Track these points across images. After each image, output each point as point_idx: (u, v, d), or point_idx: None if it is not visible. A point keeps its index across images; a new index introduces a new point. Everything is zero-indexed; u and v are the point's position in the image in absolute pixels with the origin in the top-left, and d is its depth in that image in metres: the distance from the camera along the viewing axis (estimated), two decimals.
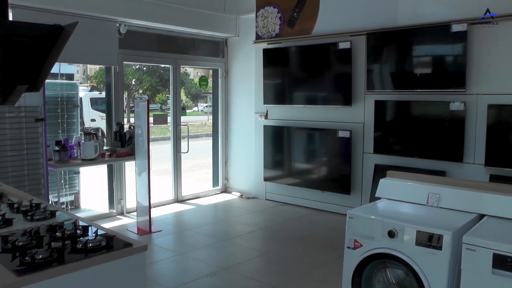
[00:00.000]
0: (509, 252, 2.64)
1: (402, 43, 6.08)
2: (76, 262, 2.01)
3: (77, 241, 2.19)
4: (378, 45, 6.25)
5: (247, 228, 6.29)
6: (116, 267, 2.15)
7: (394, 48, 6.18)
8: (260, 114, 7.70)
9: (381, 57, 6.28)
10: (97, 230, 2.34)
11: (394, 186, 3.78)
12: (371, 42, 6.26)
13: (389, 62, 6.24)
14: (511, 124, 5.34)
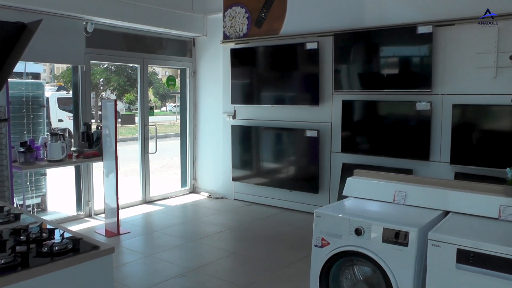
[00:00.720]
0: (472, 247, 2.73)
1: (369, 44, 6.19)
2: (42, 266, 1.98)
3: (42, 244, 2.16)
4: (345, 45, 6.33)
5: (216, 228, 6.28)
6: (83, 270, 2.13)
7: (361, 48, 6.27)
8: (228, 114, 7.71)
9: (348, 58, 6.37)
10: (64, 233, 2.31)
11: (361, 185, 3.84)
12: (338, 43, 6.34)
13: (356, 63, 6.33)
14: (475, 123, 5.51)
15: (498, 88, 5.29)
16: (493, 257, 2.67)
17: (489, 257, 2.69)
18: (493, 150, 5.31)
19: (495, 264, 2.66)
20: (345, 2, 6.35)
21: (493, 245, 2.70)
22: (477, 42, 5.41)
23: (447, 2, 5.58)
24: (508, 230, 3.05)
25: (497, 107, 5.32)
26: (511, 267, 2.61)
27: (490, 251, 2.69)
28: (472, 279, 2.74)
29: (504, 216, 3.15)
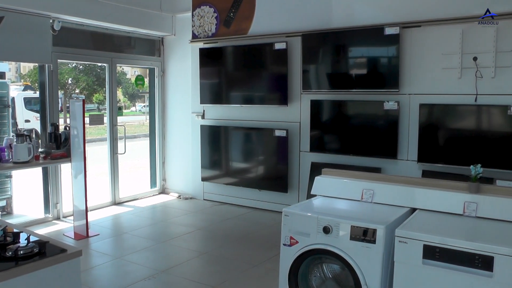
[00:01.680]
0: (438, 243, 2.80)
1: (337, 45, 6.25)
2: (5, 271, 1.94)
3: (6, 248, 2.11)
4: (314, 46, 6.38)
5: (185, 229, 6.25)
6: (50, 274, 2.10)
7: (330, 49, 6.34)
8: (197, 114, 7.68)
9: (317, 58, 6.42)
10: (29, 237, 2.26)
11: (329, 183, 3.88)
12: (307, 43, 6.38)
13: (324, 63, 6.39)
14: (441, 123, 5.64)
15: (463, 88, 5.44)
16: (457, 252, 2.75)
17: (454, 252, 2.76)
18: (459, 148, 5.45)
19: (460, 258, 2.74)
20: (313, 3, 6.40)
21: (458, 240, 2.79)
22: (443, 44, 5.55)
23: (414, 4, 5.70)
24: (471, 226, 3.14)
25: (462, 106, 5.46)
26: (474, 261, 2.69)
27: (455, 246, 2.76)
28: (438, 273, 2.81)
29: (468, 212, 3.24)
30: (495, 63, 5.24)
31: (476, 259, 2.69)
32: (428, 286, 2.86)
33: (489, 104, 5.29)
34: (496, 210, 3.19)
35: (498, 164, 5.16)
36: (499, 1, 5.17)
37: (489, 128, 5.40)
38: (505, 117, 5.16)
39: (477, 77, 5.33)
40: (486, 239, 2.84)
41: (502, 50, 5.20)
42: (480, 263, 2.68)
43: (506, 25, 5.18)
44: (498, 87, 5.26)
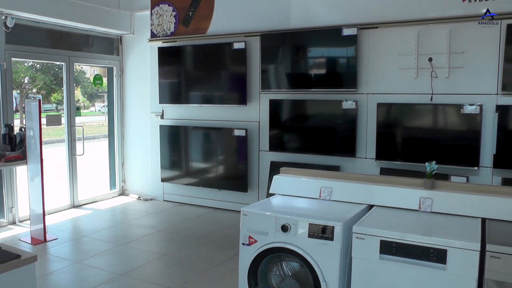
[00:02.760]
0: (394, 238, 2.86)
1: (296, 45, 6.31)
2: None
3: None
4: (273, 46, 6.41)
5: (145, 230, 6.16)
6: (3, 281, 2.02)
7: (289, 49, 6.38)
8: (156, 114, 7.59)
9: (276, 58, 6.45)
10: None
11: (288, 182, 3.90)
12: (265, 43, 6.41)
13: (283, 63, 6.42)
14: (398, 121, 5.77)
15: (419, 88, 5.58)
16: (413, 246, 2.82)
17: (409, 246, 2.83)
18: (415, 146, 5.61)
19: (415, 252, 2.81)
20: (272, 3, 6.43)
21: (413, 235, 2.85)
22: (399, 45, 5.68)
23: (371, 6, 5.81)
24: (427, 221, 3.22)
25: (418, 105, 5.60)
26: (428, 255, 2.77)
27: (410, 241, 2.83)
28: (394, 268, 2.87)
29: (424, 208, 3.32)
30: (449, 64, 5.40)
31: (430, 252, 2.77)
32: (385, 280, 2.92)
33: (444, 103, 5.46)
34: (450, 205, 3.29)
35: (453, 160, 5.33)
36: (453, 5, 5.35)
37: (444, 126, 5.57)
38: (459, 116, 5.33)
39: (432, 77, 5.48)
40: (440, 233, 2.92)
41: (455, 51, 5.38)
42: (434, 256, 2.76)
43: (458, 28, 5.37)
44: (452, 87, 5.43)
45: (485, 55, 5.27)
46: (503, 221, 3.10)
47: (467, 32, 5.34)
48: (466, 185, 3.61)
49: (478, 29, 5.28)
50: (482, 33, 5.27)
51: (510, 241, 2.76)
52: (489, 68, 5.25)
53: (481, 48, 5.29)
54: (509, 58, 5.10)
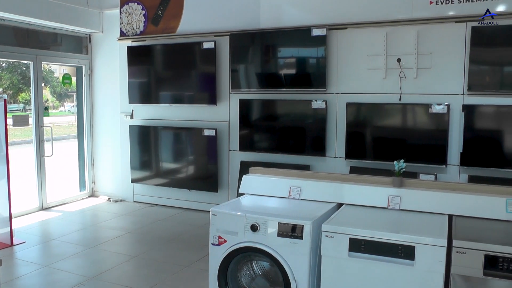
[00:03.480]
0: (363, 236, 2.90)
1: (266, 45, 6.33)
2: None
3: None
4: (242, 45, 6.41)
5: (115, 232, 6.08)
6: None
7: (258, 49, 6.39)
8: (125, 114, 7.50)
9: (246, 58, 6.45)
10: None
11: (257, 182, 3.91)
12: (235, 43, 6.40)
13: (253, 63, 6.43)
14: (367, 121, 5.84)
15: (388, 88, 5.67)
16: (381, 244, 2.86)
17: (378, 243, 2.86)
18: (384, 145, 5.70)
19: (384, 249, 2.85)
20: (241, 3, 6.43)
21: (382, 232, 2.89)
22: (368, 46, 5.76)
23: (340, 7, 5.88)
24: (395, 218, 3.26)
25: (387, 105, 5.68)
26: (397, 251, 2.81)
27: (379, 238, 2.87)
28: (363, 265, 2.91)
29: (392, 205, 3.36)
30: (417, 64, 5.50)
31: (399, 249, 2.82)
32: (354, 277, 2.95)
33: (412, 103, 5.55)
34: (418, 202, 3.34)
35: (421, 159, 5.44)
36: (421, 7, 5.47)
37: (413, 126, 5.66)
38: (427, 115, 5.43)
39: (401, 77, 5.57)
40: (408, 230, 2.96)
41: (423, 52, 5.48)
42: (402, 253, 2.80)
43: (426, 29, 5.47)
44: (420, 87, 5.52)
45: (452, 56, 5.38)
46: (469, 217, 3.17)
47: (434, 34, 5.45)
48: (433, 182, 3.68)
49: (445, 31, 5.41)
50: (449, 34, 5.39)
51: (475, 236, 2.82)
52: (455, 68, 5.37)
53: (448, 49, 5.40)
54: (474, 60, 5.23)
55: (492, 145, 5.27)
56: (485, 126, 5.40)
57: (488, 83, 5.26)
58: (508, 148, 5.22)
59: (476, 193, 3.27)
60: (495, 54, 5.26)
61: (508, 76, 5.26)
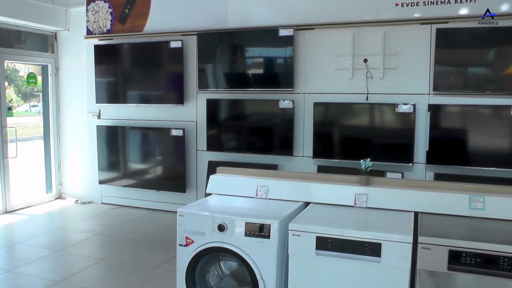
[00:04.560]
0: (330, 234, 2.93)
1: (234, 45, 6.32)
2: None
3: None
4: (210, 45, 6.39)
5: (83, 235, 5.97)
6: None
7: (226, 49, 6.39)
8: (93, 114, 7.38)
9: (213, 57, 6.44)
10: None
11: (224, 182, 3.90)
12: (202, 42, 6.39)
13: (221, 62, 6.42)
14: (334, 120, 5.90)
15: (355, 88, 5.73)
16: (348, 241, 2.89)
17: (345, 241, 2.90)
18: (352, 144, 5.77)
19: (351, 247, 2.88)
20: (208, 2, 6.42)
21: (348, 230, 2.93)
22: (335, 46, 5.82)
23: (307, 7, 5.92)
24: (362, 216, 3.30)
25: (354, 105, 5.75)
26: (364, 249, 2.85)
27: (346, 236, 2.90)
28: (330, 263, 2.94)
29: (359, 203, 3.40)
30: (383, 65, 5.58)
31: (365, 246, 2.85)
32: (322, 275, 2.97)
33: (379, 103, 5.64)
34: (384, 200, 3.39)
35: (388, 157, 5.53)
36: (387, 9, 5.56)
37: (380, 125, 5.74)
38: (394, 115, 5.52)
39: (368, 77, 5.65)
40: (375, 228, 3.00)
41: (389, 53, 5.57)
42: (369, 250, 2.84)
43: (392, 30, 5.57)
44: (386, 87, 5.61)
45: (417, 57, 5.49)
46: (434, 214, 3.24)
47: (400, 35, 5.54)
48: (399, 180, 3.74)
49: (411, 32, 5.51)
50: (414, 36, 5.50)
51: (440, 232, 2.88)
52: (421, 69, 5.47)
53: (414, 50, 5.50)
54: (439, 60, 5.34)
55: (457, 144, 5.39)
56: (450, 125, 5.51)
57: (453, 84, 5.37)
58: (472, 147, 5.36)
59: (441, 190, 3.34)
60: (459, 55, 5.39)
61: (472, 76, 5.40)
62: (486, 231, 3.01)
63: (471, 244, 2.70)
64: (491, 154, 5.27)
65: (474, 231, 3.05)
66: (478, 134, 5.37)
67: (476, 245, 2.69)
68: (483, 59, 5.34)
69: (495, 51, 5.28)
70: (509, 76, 5.22)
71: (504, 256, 2.63)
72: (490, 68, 5.33)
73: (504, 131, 5.25)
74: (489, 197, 3.20)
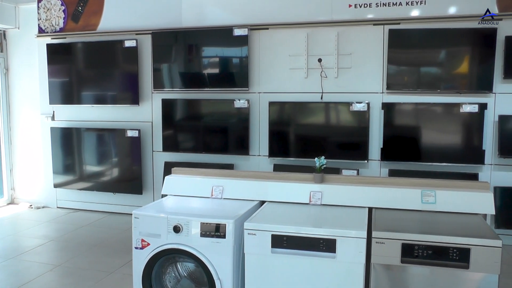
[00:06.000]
0: (285, 232, 2.95)
1: (189, 44, 6.31)
2: None
3: None
4: (165, 44, 6.35)
5: (37, 241, 5.80)
6: None
7: (181, 48, 6.36)
8: (46, 115, 7.20)
9: (169, 57, 6.40)
10: None
11: (180, 182, 3.88)
12: (157, 42, 6.34)
13: (176, 62, 6.38)
14: (290, 119, 5.94)
15: (309, 87, 5.82)
16: (304, 238, 2.92)
17: (300, 238, 2.93)
18: (308, 143, 5.85)
19: (306, 244, 2.92)
20: (163, 1, 6.37)
21: (304, 227, 2.96)
22: (290, 46, 5.89)
23: (261, 8, 5.96)
24: (317, 213, 3.34)
25: (309, 104, 5.83)
26: (319, 245, 2.90)
27: (301, 233, 2.93)
28: (286, 260, 2.97)
29: (314, 201, 3.44)
30: (337, 64, 5.68)
31: (320, 243, 2.89)
32: (278, 273, 3.00)
33: (334, 102, 5.73)
34: (339, 197, 3.45)
35: (344, 155, 5.64)
36: (340, 10, 5.67)
37: (335, 123, 5.83)
38: (348, 113, 5.63)
39: (322, 77, 5.73)
40: (330, 224, 3.05)
41: (343, 53, 5.68)
42: (324, 247, 2.89)
43: (345, 31, 5.68)
44: (341, 86, 5.71)
45: (371, 56, 5.62)
46: (387, 209, 3.32)
47: (354, 35, 5.65)
48: (354, 177, 3.81)
49: (364, 33, 5.63)
50: (368, 36, 5.62)
51: (393, 227, 2.95)
52: (375, 68, 5.61)
53: (367, 50, 5.63)
54: (392, 60, 5.49)
55: (410, 141, 5.55)
56: (403, 123, 5.65)
57: (406, 82, 5.52)
58: (424, 143, 5.52)
59: (394, 186, 3.43)
60: (411, 55, 5.54)
61: (424, 75, 5.56)
62: (437, 224, 3.10)
63: (423, 237, 2.78)
64: (442, 150, 5.45)
65: (426, 224, 3.13)
66: (430, 131, 5.54)
67: (427, 237, 2.77)
68: (434, 59, 5.51)
69: (445, 52, 5.46)
70: (459, 75, 5.44)
71: (453, 247, 2.73)
72: (441, 68, 5.50)
73: (455, 128, 5.45)
74: (440, 191, 3.30)
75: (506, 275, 4.02)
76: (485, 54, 5.28)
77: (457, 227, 3.06)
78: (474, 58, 5.41)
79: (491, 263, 2.69)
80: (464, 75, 5.44)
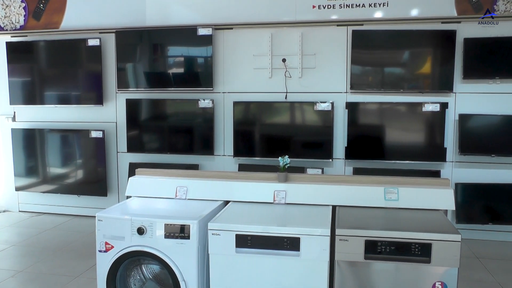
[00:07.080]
0: (249, 231, 2.97)
1: (153, 43, 6.26)
2: None
3: None
4: (129, 43, 6.30)
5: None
6: None
7: (146, 47, 6.31)
8: (6, 116, 7.03)
9: (133, 56, 6.33)
10: None
11: (144, 183, 3.85)
12: (121, 40, 6.28)
13: (141, 61, 6.33)
14: (255, 119, 5.97)
15: (274, 86, 5.87)
16: (268, 237, 2.94)
17: (264, 238, 2.94)
18: (273, 142, 5.89)
19: (270, 243, 2.94)
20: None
21: (268, 226, 2.98)
22: (254, 46, 5.92)
23: (226, 7, 5.97)
24: (281, 212, 3.36)
25: (274, 103, 5.88)
26: (283, 244, 2.93)
27: (265, 233, 2.95)
28: (251, 260, 2.98)
29: (278, 200, 3.47)
30: (301, 64, 5.75)
31: (284, 241, 2.91)
32: (243, 272, 3.01)
33: (298, 101, 5.78)
34: (303, 195, 3.48)
35: (309, 154, 5.70)
36: (304, 10, 5.73)
37: (299, 123, 5.88)
38: (313, 113, 5.69)
39: (286, 77, 5.79)
40: (293, 223, 3.09)
41: (307, 53, 5.75)
42: (288, 245, 2.91)
43: (310, 31, 5.75)
44: (305, 86, 5.77)
45: (335, 57, 5.70)
46: (351, 207, 3.37)
47: (318, 36, 5.73)
48: (317, 176, 3.85)
49: (328, 33, 5.71)
50: (331, 37, 5.70)
51: (356, 224, 3.00)
52: (339, 68, 5.69)
53: (331, 50, 5.71)
54: (356, 61, 5.58)
55: (374, 139, 5.65)
56: (367, 122, 5.75)
57: (370, 82, 5.62)
58: (388, 142, 5.62)
59: (358, 184, 3.48)
60: (374, 56, 5.64)
61: (387, 76, 5.67)
62: (399, 220, 3.16)
63: (385, 233, 2.83)
64: (406, 148, 5.57)
65: (388, 221, 3.19)
66: (393, 130, 5.65)
67: (390, 234, 2.83)
68: (397, 60, 5.63)
69: (408, 52, 5.59)
70: (421, 76, 5.57)
71: (415, 242, 2.79)
72: (404, 68, 5.63)
73: (417, 127, 5.58)
74: (403, 188, 3.37)
75: (465, 267, 4.13)
76: (446, 55, 5.43)
77: (419, 223, 3.12)
78: (435, 59, 5.55)
79: (451, 257, 2.76)
80: (426, 75, 5.57)
